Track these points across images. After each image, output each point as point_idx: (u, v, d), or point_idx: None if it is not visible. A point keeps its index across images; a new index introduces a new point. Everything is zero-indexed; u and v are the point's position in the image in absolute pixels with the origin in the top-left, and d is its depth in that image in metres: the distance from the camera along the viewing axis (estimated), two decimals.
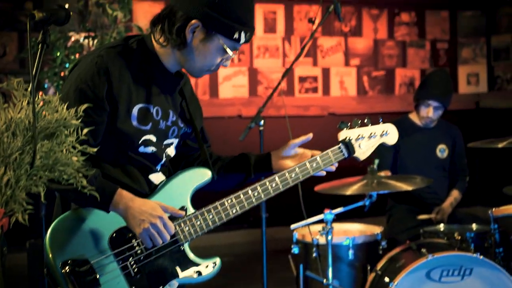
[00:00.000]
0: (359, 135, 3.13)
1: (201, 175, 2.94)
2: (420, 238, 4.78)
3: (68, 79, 2.73)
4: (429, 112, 5.32)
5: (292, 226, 4.36)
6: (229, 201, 2.88)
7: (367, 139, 3.14)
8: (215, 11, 2.61)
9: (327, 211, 4.21)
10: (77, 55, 5.70)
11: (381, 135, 3.19)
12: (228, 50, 2.68)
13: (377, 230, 4.66)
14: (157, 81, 2.80)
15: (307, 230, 4.48)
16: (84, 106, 2.23)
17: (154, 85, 2.79)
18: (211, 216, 2.84)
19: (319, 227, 4.39)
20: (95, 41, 5.78)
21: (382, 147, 5.48)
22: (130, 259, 2.71)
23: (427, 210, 5.37)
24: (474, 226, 4.81)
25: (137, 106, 2.73)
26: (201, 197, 3.01)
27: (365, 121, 3.16)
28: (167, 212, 2.72)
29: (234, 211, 2.88)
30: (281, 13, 8.18)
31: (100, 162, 2.73)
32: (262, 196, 2.93)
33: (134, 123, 2.72)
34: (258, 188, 2.93)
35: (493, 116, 8.93)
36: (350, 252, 4.40)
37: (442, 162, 5.52)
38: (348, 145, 3.09)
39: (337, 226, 4.60)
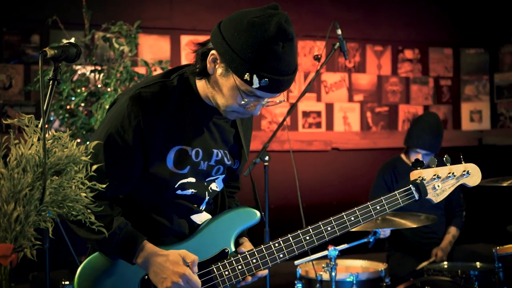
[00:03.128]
0: (434, 175, 2.85)
1: (248, 217, 2.80)
2: (423, 275, 4.77)
3: (105, 118, 2.66)
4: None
5: (296, 262, 4.35)
6: (277, 244, 2.70)
7: (445, 180, 2.87)
8: (233, 46, 2.42)
9: (331, 247, 4.21)
10: (83, 89, 5.73)
11: (461, 175, 2.90)
12: (241, 92, 2.47)
13: (380, 266, 4.65)
14: (198, 119, 2.66)
15: (311, 266, 4.47)
16: (95, 143, 2.23)
17: (194, 124, 2.65)
18: (254, 261, 2.69)
19: (322, 263, 4.38)
20: (101, 74, 5.81)
21: (375, 189, 5.53)
22: None
23: (426, 254, 5.35)
24: (478, 264, 4.80)
25: (174, 148, 2.62)
26: None
27: (444, 159, 2.90)
28: (187, 260, 2.58)
29: (281, 255, 2.70)
30: None
31: (139, 205, 2.68)
32: (315, 240, 2.73)
33: (170, 167, 2.62)
34: (311, 231, 2.73)
35: (495, 153, 8.94)
36: None
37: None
38: (420, 186, 2.83)
39: (340, 262, 4.60)
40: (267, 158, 4.45)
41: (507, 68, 8.90)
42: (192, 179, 2.68)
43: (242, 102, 2.49)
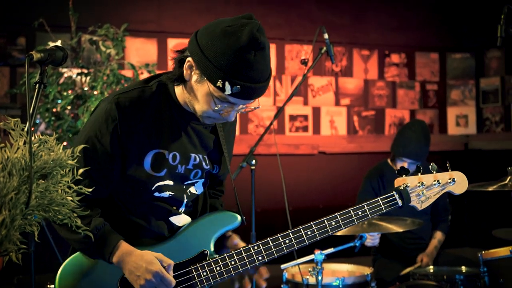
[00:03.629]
0: (419, 182, 2.85)
1: (228, 220, 2.85)
2: (409, 280, 4.78)
3: (86, 122, 2.77)
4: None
5: (282, 266, 4.35)
6: (256, 247, 2.75)
7: (429, 187, 2.87)
8: (207, 54, 2.51)
9: (317, 251, 4.21)
10: (69, 92, 5.71)
11: (447, 183, 2.88)
12: (215, 99, 2.55)
13: (366, 271, 4.66)
14: (176, 124, 2.74)
15: (297, 269, 4.48)
16: (81, 147, 2.26)
17: (172, 129, 2.74)
18: (233, 263, 2.74)
19: (309, 267, 4.38)
20: (88, 77, 5.79)
21: (362, 195, 5.52)
22: None
23: (412, 259, 5.34)
24: (463, 268, 4.82)
25: (151, 152, 2.70)
26: None
27: (430, 166, 2.88)
28: (163, 264, 2.65)
29: (260, 258, 2.75)
30: (272, 52, 8.23)
31: (119, 207, 2.76)
32: (295, 244, 2.78)
33: (147, 169, 2.70)
34: (291, 235, 2.77)
35: (481, 157, 8.98)
36: None
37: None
38: (403, 193, 2.84)
39: (326, 266, 4.60)
40: (253, 162, 4.46)
41: (493, 73, 8.94)
42: (170, 182, 2.76)
43: (216, 108, 2.58)
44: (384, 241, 5.41)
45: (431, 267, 5.00)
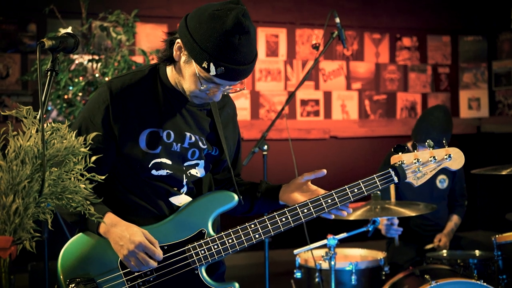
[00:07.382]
0: (415, 159, 2.87)
1: (226, 199, 2.88)
2: (422, 264, 4.77)
3: (84, 105, 2.84)
4: None
5: (295, 251, 4.35)
6: (252, 225, 2.80)
7: (425, 164, 2.88)
8: (194, 36, 2.61)
9: (330, 236, 4.20)
10: (80, 78, 5.71)
11: (443, 159, 2.89)
12: (201, 79, 2.64)
13: (379, 255, 4.65)
14: (169, 104, 2.83)
15: (310, 255, 4.48)
16: (93, 134, 2.29)
17: (166, 109, 2.82)
18: (230, 241, 2.78)
19: (322, 252, 4.38)
20: (99, 64, 5.78)
21: None
22: (139, 279, 2.72)
23: (426, 244, 5.31)
24: (477, 252, 4.80)
25: (145, 131, 2.78)
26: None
27: (426, 143, 2.88)
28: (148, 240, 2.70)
29: (257, 236, 2.80)
30: (283, 37, 8.21)
31: (120, 188, 2.81)
32: (291, 222, 2.81)
33: (143, 147, 2.77)
34: (287, 213, 2.82)
35: (494, 140, 8.94)
36: (353, 277, 4.39)
37: (442, 192, 5.44)
38: (398, 169, 2.86)
39: (338, 251, 4.60)
40: (265, 147, 4.46)
41: (505, 55, 8.89)
42: (167, 161, 2.82)
43: (202, 88, 2.67)
44: (400, 226, 5.38)
45: (445, 251, 4.98)
